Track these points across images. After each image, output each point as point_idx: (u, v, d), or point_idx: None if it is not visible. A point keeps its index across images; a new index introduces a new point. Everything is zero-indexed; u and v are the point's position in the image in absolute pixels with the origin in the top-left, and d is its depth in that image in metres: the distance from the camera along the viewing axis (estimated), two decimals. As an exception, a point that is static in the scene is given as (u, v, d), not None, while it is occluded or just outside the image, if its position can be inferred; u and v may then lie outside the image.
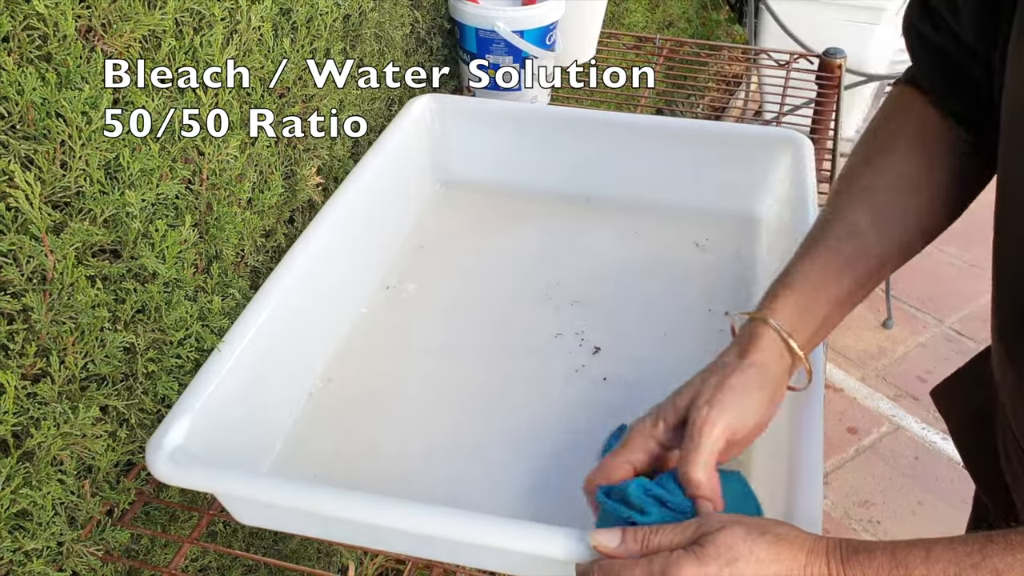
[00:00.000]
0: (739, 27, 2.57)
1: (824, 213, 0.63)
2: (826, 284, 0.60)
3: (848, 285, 0.61)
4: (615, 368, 0.79)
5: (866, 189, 0.62)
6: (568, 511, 0.66)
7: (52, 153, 0.54)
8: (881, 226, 0.61)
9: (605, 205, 1.00)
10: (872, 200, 0.61)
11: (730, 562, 0.47)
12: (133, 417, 0.65)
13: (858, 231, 0.60)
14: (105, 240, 0.60)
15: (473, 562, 0.61)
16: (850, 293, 0.61)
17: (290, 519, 0.64)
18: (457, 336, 0.83)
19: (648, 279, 0.89)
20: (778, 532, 0.48)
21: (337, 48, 0.85)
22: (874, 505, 1.77)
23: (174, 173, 0.66)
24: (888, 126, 0.64)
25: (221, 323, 0.70)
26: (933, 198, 0.62)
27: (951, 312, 2.23)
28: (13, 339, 0.55)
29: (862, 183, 0.62)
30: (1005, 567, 0.44)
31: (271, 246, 0.83)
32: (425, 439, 0.73)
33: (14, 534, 0.57)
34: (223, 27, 0.68)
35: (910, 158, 0.62)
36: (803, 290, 0.60)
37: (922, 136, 0.62)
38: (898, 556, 0.46)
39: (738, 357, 0.58)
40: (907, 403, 1.99)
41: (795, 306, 0.59)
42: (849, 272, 0.60)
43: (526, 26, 1.07)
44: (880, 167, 0.62)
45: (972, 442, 0.75)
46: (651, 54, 1.41)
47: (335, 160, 0.91)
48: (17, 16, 0.51)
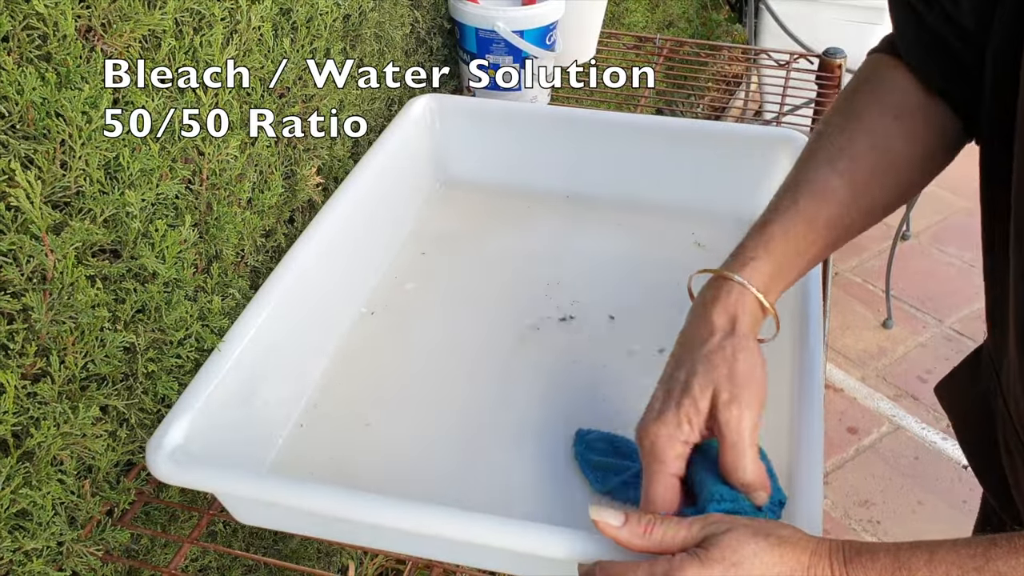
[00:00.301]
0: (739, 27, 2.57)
1: (802, 172, 0.63)
2: (800, 248, 0.61)
3: (818, 250, 0.62)
4: (616, 368, 0.79)
5: (845, 157, 0.62)
6: (568, 511, 0.67)
7: (52, 153, 0.54)
8: (856, 196, 0.62)
9: (605, 205, 1.00)
10: (850, 169, 0.62)
11: (734, 565, 0.47)
12: (133, 417, 0.65)
13: (836, 199, 0.61)
14: (105, 240, 0.60)
15: (473, 562, 0.61)
16: (818, 256, 0.63)
17: (290, 519, 0.64)
18: (457, 336, 0.83)
19: (648, 279, 0.89)
20: (781, 534, 0.48)
21: (337, 48, 0.85)
22: (874, 505, 1.77)
23: (174, 173, 0.66)
24: (868, 94, 0.65)
25: (221, 323, 0.70)
26: (908, 171, 0.64)
27: (951, 312, 2.23)
28: (13, 339, 0.55)
29: (841, 149, 0.63)
30: (1009, 571, 0.44)
31: (271, 246, 0.83)
32: (425, 438, 0.73)
33: (14, 534, 0.57)
34: (223, 27, 0.68)
35: (889, 130, 0.63)
36: (780, 254, 0.61)
37: (901, 108, 0.63)
38: (901, 558, 0.46)
39: (730, 331, 0.58)
40: (907, 403, 1.99)
41: (771, 269, 0.60)
42: (822, 237, 0.62)
43: (526, 26, 1.07)
44: (859, 136, 0.63)
45: (974, 437, 0.75)
46: (651, 54, 1.41)
47: (335, 160, 0.91)
48: (17, 16, 0.51)
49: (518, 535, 0.54)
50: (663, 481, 0.55)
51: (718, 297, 0.59)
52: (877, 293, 2.28)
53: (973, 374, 0.73)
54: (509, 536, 0.54)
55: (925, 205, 2.48)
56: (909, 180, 0.64)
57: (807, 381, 0.65)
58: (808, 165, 0.63)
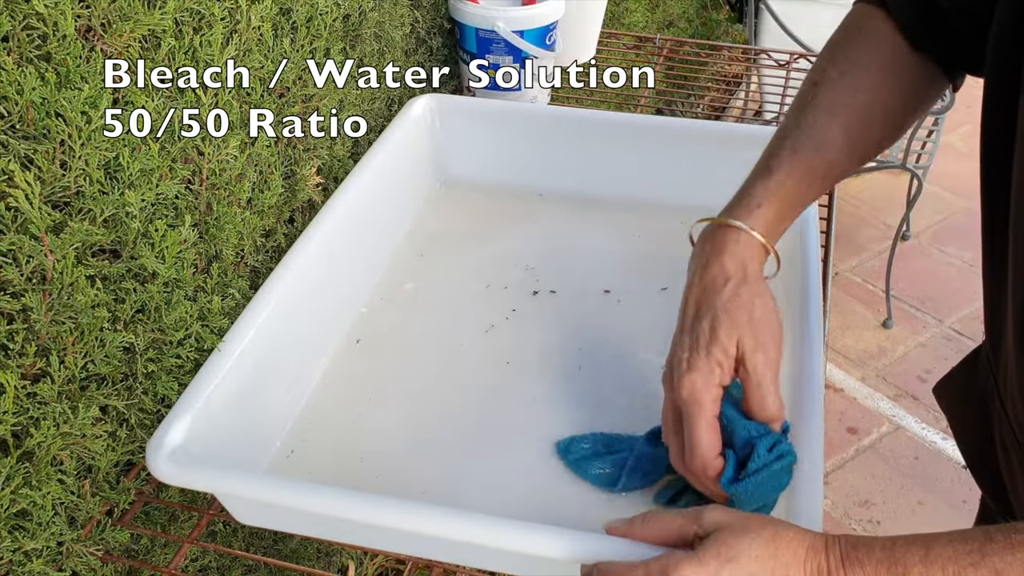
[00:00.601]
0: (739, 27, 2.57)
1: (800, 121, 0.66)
2: (800, 196, 0.65)
3: (814, 195, 0.67)
4: (616, 367, 0.79)
5: (841, 105, 0.66)
6: (568, 511, 0.67)
7: (52, 153, 0.54)
8: (851, 144, 0.66)
9: (605, 205, 1.00)
10: (847, 118, 0.65)
11: (730, 560, 0.47)
12: (133, 417, 0.65)
13: (833, 147, 0.65)
14: (105, 240, 0.60)
15: (473, 562, 0.61)
16: (812, 200, 0.68)
17: (290, 519, 0.64)
18: (457, 335, 0.83)
19: (648, 279, 0.89)
20: (777, 529, 0.49)
21: (337, 48, 0.85)
22: (874, 505, 1.77)
23: (174, 173, 0.66)
24: (859, 47, 0.68)
25: (221, 323, 0.70)
26: (896, 121, 0.68)
27: (951, 312, 2.23)
28: (13, 339, 0.55)
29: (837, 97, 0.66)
30: (1005, 566, 0.44)
31: (271, 246, 0.83)
32: (425, 439, 0.73)
33: (14, 534, 0.57)
34: (223, 27, 0.68)
35: (883, 81, 0.66)
36: (781, 201, 0.65)
37: (892, 62, 0.66)
38: (897, 553, 0.46)
39: (743, 278, 0.62)
40: (907, 403, 1.99)
41: (774, 216, 0.64)
42: (819, 184, 0.66)
43: (526, 26, 1.07)
44: (854, 86, 0.66)
45: (971, 438, 0.75)
46: (651, 54, 1.41)
47: (335, 160, 0.91)
48: (17, 16, 0.51)
49: (518, 535, 0.54)
50: (705, 423, 0.59)
51: (726, 245, 0.63)
52: (877, 293, 2.28)
53: (971, 375, 0.73)
54: (509, 536, 0.54)
55: (925, 205, 2.48)
56: (897, 124, 0.68)
57: (807, 381, 0.65)
58: (805, 114, 0.66)
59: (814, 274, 0.75)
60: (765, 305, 0.61)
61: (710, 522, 0.49)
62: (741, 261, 0.62)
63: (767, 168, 0.65)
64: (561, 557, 0.53)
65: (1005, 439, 0.65)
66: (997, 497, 0.71)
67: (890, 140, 0.69)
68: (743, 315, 0.60)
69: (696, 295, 0.63)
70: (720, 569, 0.47)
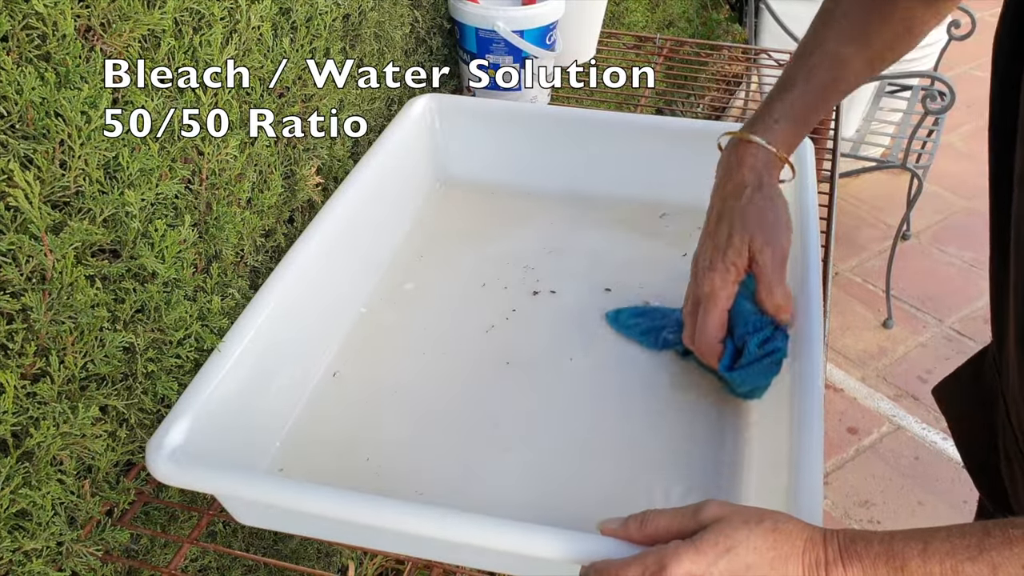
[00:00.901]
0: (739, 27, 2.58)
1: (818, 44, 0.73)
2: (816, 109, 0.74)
3: (826, 112, 0.76)
4: (617, 367, 0.79)
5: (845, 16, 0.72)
6: (569, 511, 0.66)
7: (51, 153, 0.54)
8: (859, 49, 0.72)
9: (605, 205, 1.00)
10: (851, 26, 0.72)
11: (728, 550, 0.47)
12: (133, 417, 0.65)
13: (843, 59, 0.72)
14: (104, 240, 0.60)
15: (473, 562, 0.61)
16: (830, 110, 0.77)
17: (290, 519, 0.64)
18: (457, 336, 0.83)
19: (649, 278, 0.89)
20: (776, 521, 0.49)
21: (337, 48, 0.85)
22: (874, 505, 1.77)
23: (174, 173, 0.65)
24: None
25: (221, 323, 0.70)
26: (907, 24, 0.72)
27: (951, 312, 2.23)
28: (13, 339, 0.54)
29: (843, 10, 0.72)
30: (1003, 561, 0.44)
31: (271, 246, 0.83)
32: (425, 439, 0.73)
33: (14, 534, 0.57)
34: (223, 27, 0.68)
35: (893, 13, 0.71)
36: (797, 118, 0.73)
37: None
38: (895, 547, 0.46)
39: (758, 186, 0.70)
40: (907, 403, 1.99)
41: (790, 131, 0.73)
42: (834, 97, 0.74)
43: (526, 26, 1.07)
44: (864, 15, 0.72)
45: (971, 440, 0.75)
46: (651, 54, 1.41)
47: (335, 160, 0.91)
48: (16, 15, 0.51)
49: (518, 536, 0.54)
50: (716, 315, 0.70)
51: (746, 158, 0.72)
52: (877, 293, 2.28)
53: (976, 376, 0.73)
54: (509, 537, 0.54)
55: (925, 205, 2.48)
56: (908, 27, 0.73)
57: (807, 381, 0.65)
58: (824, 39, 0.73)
59: (814, 274, 0.75)
60: (775, 208, 0.70)
61: (708, 516, 0.49)
62: (758, 172, 0.71)
63: (787, 86, 0.73)
64: (560, 558, 0.53)
65: (1008, 447, 0.65)
66: (996, 500, 0.71)
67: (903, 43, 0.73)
68: (755, 218, 0.69)
69: (719, 201, 0.73)
70: (718, 559, 0.47)
